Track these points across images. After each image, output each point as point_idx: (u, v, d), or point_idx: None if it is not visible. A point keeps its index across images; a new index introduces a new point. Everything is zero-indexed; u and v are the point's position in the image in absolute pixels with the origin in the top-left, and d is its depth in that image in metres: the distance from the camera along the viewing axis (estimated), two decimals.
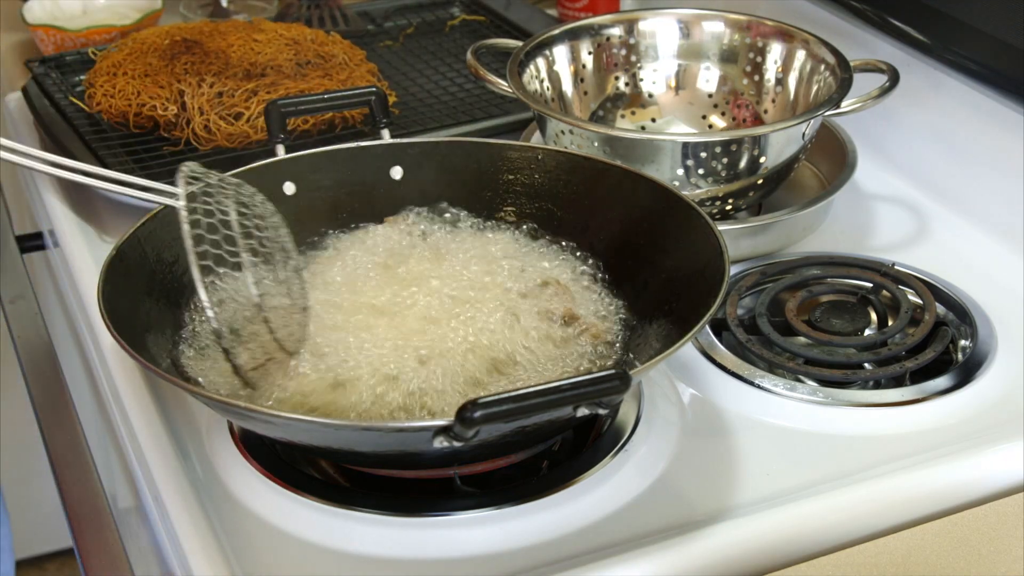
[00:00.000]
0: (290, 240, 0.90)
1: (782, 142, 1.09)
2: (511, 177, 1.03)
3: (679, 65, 1.27)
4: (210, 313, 0.80)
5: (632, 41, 1.26)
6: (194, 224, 0.81)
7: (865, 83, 1.12)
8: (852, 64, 1.14)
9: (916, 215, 1.20)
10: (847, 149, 1.18)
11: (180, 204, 0.82)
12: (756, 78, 1.23)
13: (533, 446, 0.87)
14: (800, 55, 1.20)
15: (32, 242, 1.35)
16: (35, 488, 1.99)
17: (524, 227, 1.03)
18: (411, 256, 0.98)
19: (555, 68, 1.23)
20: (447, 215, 1.03)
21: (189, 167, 0.84)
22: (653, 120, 1.27)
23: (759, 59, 1.23)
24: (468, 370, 0.87)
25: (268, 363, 0.86)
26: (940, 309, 1.03)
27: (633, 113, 1.27)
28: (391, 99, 1.31)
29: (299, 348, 0.87)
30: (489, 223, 1.03)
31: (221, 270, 0.82)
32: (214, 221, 0.82)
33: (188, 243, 0.80)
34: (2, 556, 1.34)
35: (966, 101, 1.18)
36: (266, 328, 0.84)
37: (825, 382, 0.96)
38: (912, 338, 0.99)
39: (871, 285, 1.05)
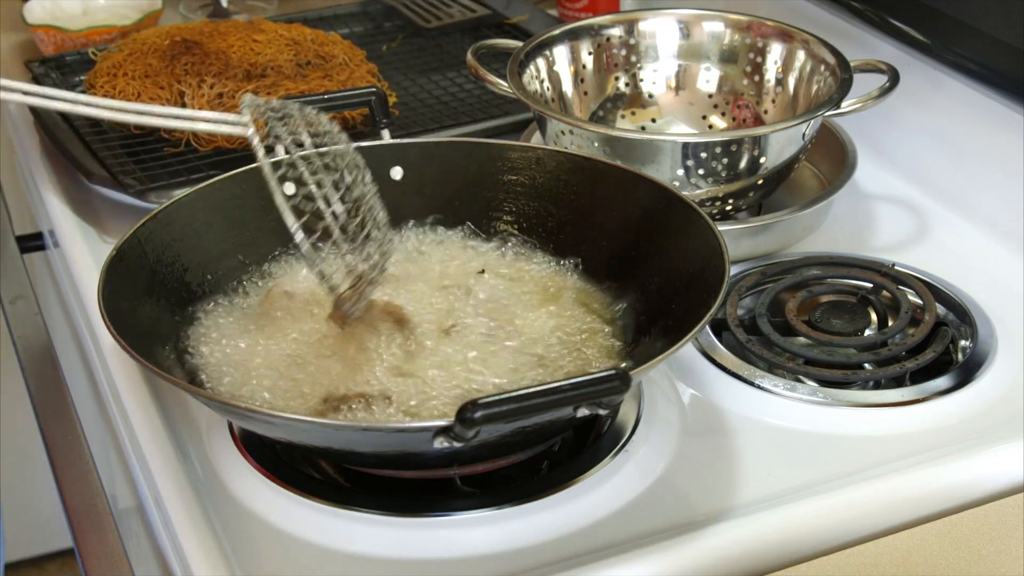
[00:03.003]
0: (358, 157, 0.88)
1: (782, 142, 1.09)
2: (511, 177, 1.03)
3: (679, 65, 1.27)
4: (299, 236, 0.80)
5: (632, 41, 1.26)
6: (268, 150, 0.81)
7: (865, 83, 1.12)
8: (852, 64, 1.14)
9: (916, 215, 1.20)
10: (847, 149, 1.18)
11: (249, 132, 0.81)
12: (756, 78, 1.23)
13: (533, 446, 0.87)
14: (800, 55, 1.20)
15: (32, 242, 1.35)
16: (35, 488, 1.99)
17: (522, 231, 1.03)
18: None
19: (555, 68, 1.23)
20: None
21: (249, 98, 0.84)
22: (653, 120, 1.27)
23: (759, 59, 1.23)
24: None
25: (359, 284, 0.86)
26: (940, 309, 1.03)
27: (633, 113, 1.27)
28: (391, 99, 1.31)
29: (388, 264, 0.87)
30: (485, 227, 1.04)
31: (299, 195, 0.82)
32: (284, 146, 0.83)
33: (267, 170, 0.80)
34: None
35: (966, 101, 1.18)
36: (351, 247, 0.84)
37: (825, 382, 0.96)
38: (912, 338, 0.99)
39: (871, 285, 1.05)
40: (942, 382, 0.95)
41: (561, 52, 1.24)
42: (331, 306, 0.85)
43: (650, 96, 1.27)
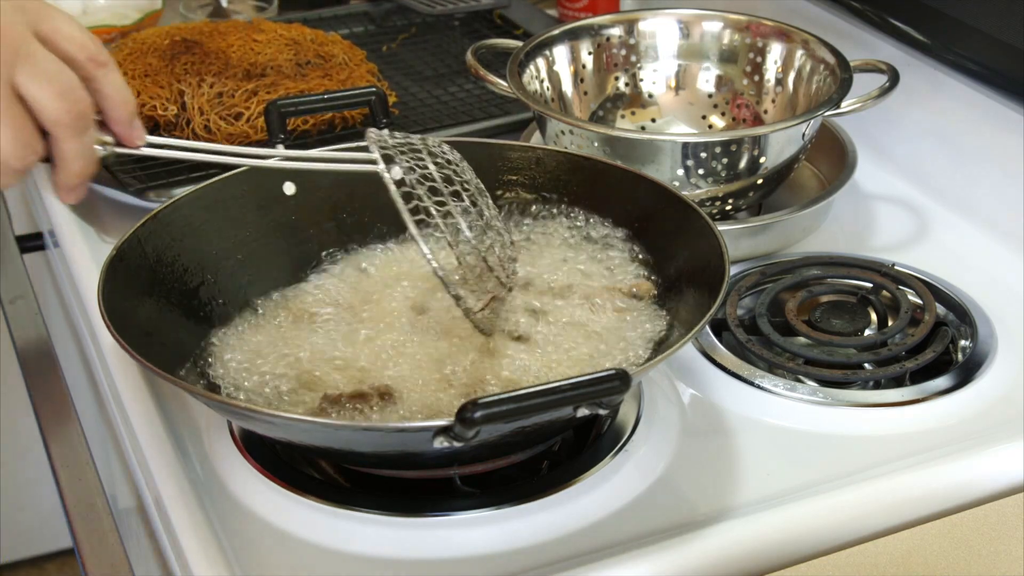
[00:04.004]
0: (479, 181, 0.91)
1: (782, 142, 1.09)
2: (511, 177, 1.03)
3: (679, 65, 1.27)
4: (434, 264, 0.82)
5: (632, 41, 1.26)
6: (399, 184, 0.83)
7: (865, 83, 1.12)
8: (852, 64, 1.14)
9: (916, 215, 1.20)
10: (847, 149, 1.18)
11: (381, 167, 0.84)
12: (756, 78, 1.23)
13: (533, 446, 0.87)
14: (800, 55, 1.20)
15: (32, 242, 1.35)
16: (35, 488, 1.99)
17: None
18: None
19: (555, 68, 1.23)
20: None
21: (375, 134, 0.86)
22: (653, 120, 1.27)
23: (759, 59, 1.23)
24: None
25: (492, 302, 0.87)
26: (940, 309, 1.03)
27: (633, 113, 1.27)
28: (391, 99, 1.31)
29: (514, 282, 0.89)
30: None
31: (432, 221, 0.84)
32: (415, 177, 0.85)
33: (399, 203, 0.82)
34: None
35: (966, 101, 1.18)
36: (485, 266, 0.86)
37: (825, 382, 0.96)
38: (912, 338, 0.99)
39: (871, 285, 1.05)
40: (942, 382, 0.95)
41: (561, 52, 1.24)
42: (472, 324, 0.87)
43: (650, 96, 1.27)
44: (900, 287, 1.04)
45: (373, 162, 0.84)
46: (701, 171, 1.07)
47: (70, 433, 1.00)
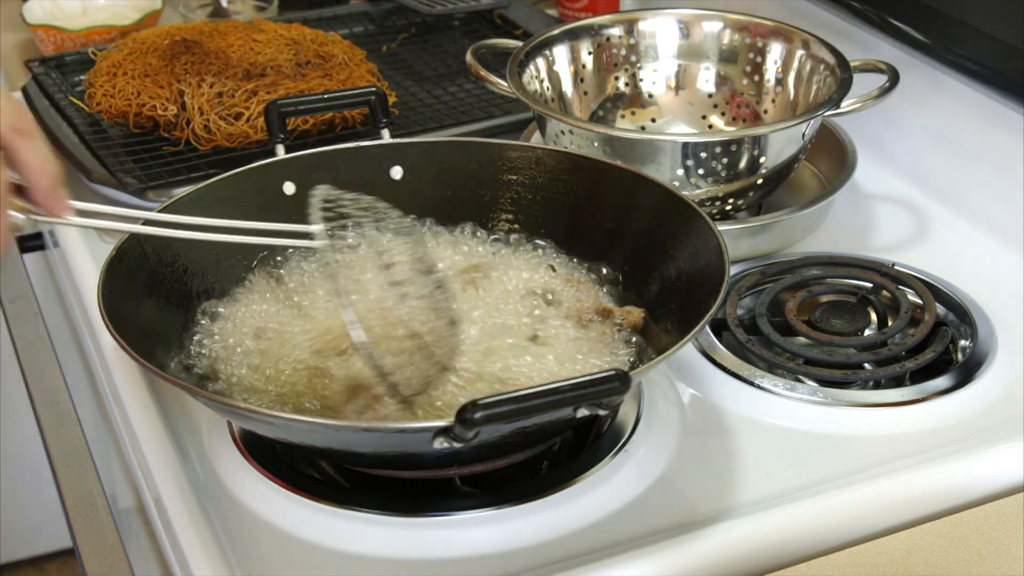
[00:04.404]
0: (429, 254, 0.88)
1: (782, 142, 1.09)
2: (511, 177, 1.03)
3: (679, 65, 1.27)
4: (366, 350, 0.78)
5: (632, 41, 1.26)
6: (335, 262, 0.80)
7: (865, 83, 1.12)
8: (852, 64, 1.14)
9: (916, 215, 1.20)
10: (847, 149, 1.18)
11: (320, 244, 0.80)
12: (756, 78, 1.23)
13: (533, 446, 0.87)
14: (800, 55, 1.20)
15: (32, 242, 1.35)
16: (35, 488, 1.99)
17: (523, 230, 1.03)
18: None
19: (555, 68, 1.23)
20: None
21: (321, 193, 0.82)
22: (653, 120, 1.27)
23: (759, 59, 1.23)
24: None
25: (427, 386, 0.84)
26: (940, 309, 1.03)
27: (633, 113, 1.27)
28: (391, 99, 1.31)
29: (453, 363, 0.85)
30: (488, 228, 1.04)
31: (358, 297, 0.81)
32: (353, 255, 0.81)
33: (339, 284, 0.79)
34: None
35: (966, 101, 1.18)
36: (420, 351, 0.82)
37: (825, 382, 0.96)
38: (912, 338, 0.99)
39: (871, 285, 1.05)
40: (942, 382, 0.95)
41: (561, 52, 1.24)
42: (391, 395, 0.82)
43: (650, 96, 1.27)
44: (900, 287, 1.04)
45: (310, 235, 0.80)
46: (701, 171, 1.07)
47: (70, 433, 1.00)
